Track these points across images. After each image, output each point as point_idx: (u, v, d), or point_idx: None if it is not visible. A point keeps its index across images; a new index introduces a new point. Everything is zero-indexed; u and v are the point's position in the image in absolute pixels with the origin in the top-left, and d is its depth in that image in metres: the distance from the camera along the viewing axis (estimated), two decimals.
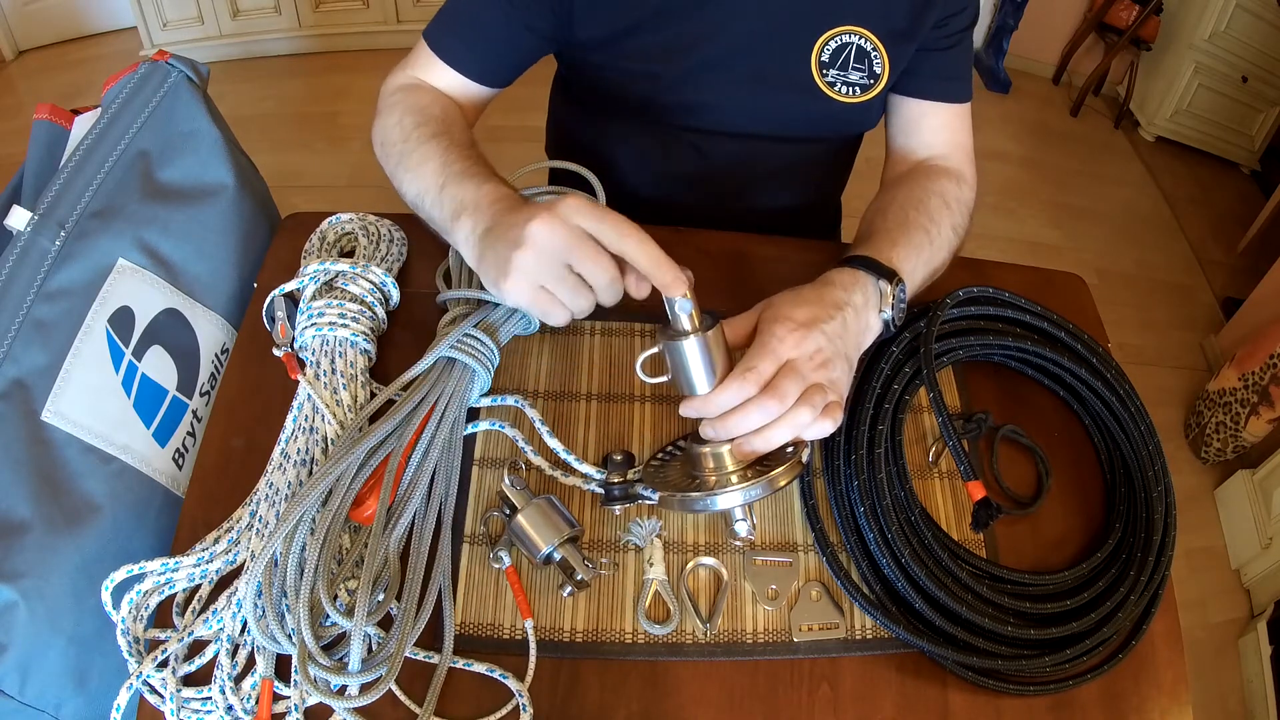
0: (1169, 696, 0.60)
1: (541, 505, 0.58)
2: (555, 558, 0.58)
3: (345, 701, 0.52)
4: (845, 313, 0.60)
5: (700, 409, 0.56)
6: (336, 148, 2.22)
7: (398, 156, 0.69)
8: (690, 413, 0.56)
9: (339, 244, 0.74)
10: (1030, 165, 2.52)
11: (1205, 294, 2.27)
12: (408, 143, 0.68)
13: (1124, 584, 0.61)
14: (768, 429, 0.54)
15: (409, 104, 0.72)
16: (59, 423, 0.60)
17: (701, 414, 0.56)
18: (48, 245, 0.63)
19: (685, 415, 0.57)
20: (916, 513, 0.61)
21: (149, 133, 0.73)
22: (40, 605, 0.56)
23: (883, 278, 0.63)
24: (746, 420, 0.54)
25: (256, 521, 0.59)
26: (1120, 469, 0.68)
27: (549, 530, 0.57)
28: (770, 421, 0.54)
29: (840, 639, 0.59)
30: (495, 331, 0.66)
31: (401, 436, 0.60)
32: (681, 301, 0.54)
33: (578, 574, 0.57)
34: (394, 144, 0.69)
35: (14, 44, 2.40)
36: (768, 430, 0.54)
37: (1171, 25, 2.47)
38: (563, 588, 0.57)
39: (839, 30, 0.74)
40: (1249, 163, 2.61)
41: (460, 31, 0.74)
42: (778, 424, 0.54)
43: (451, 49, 0.74)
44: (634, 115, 0.82)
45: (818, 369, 0.56)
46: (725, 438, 0.55)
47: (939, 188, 0.75)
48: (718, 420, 0.55)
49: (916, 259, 0.67)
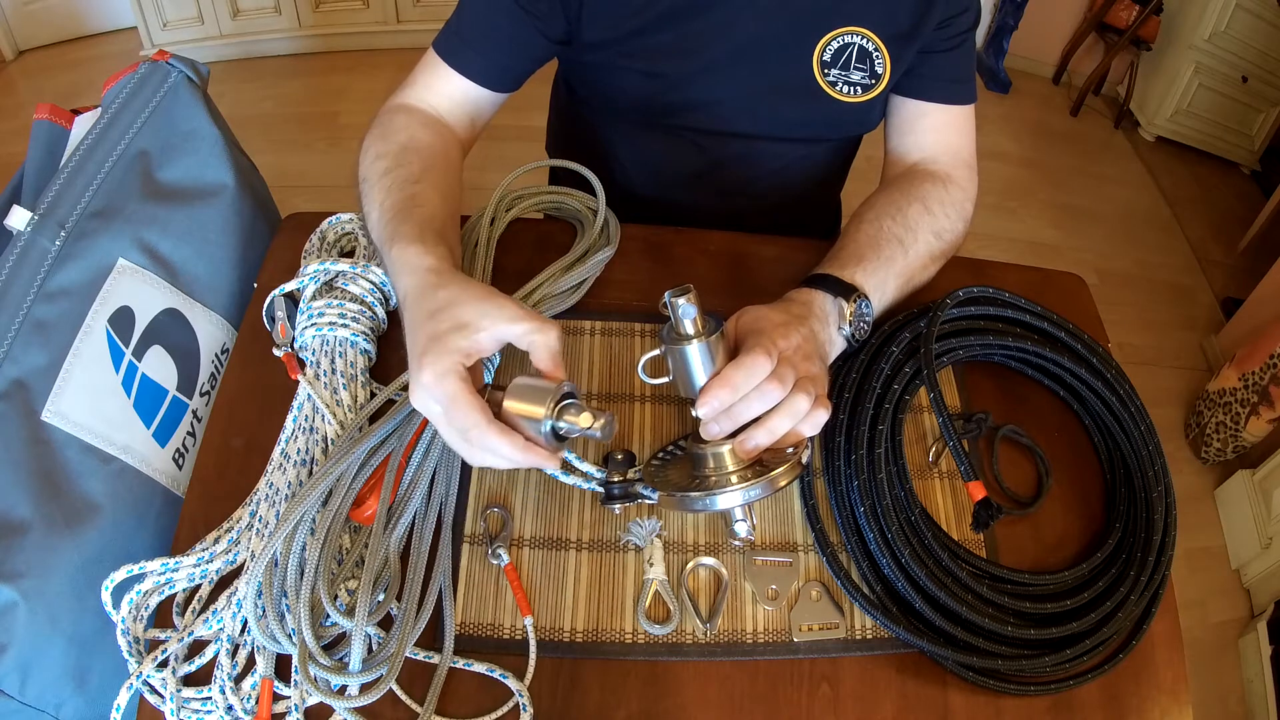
0: (1169, 696, 0.60)
1: (519, 384, 0.54)
2: (562, 428, 0.53)
3: (345, 701, 0.52)
4: (811, 322, 0.63)
5: (716, 394, 0.54)
6: (336, 148, 2.22)
7: (361, 190, 0.67)
8: (712, 403, 0.54)
9: (339, 244, 0.74)
10: (1030, 165, 2.52)
11: (1205, 294, 2.27)
12: (366, 181, 0.67)
13: (1124, 584, 0.61)
14: (769, 417, 0.55)
15: (381, 130, 0.70)
16: (59, 423, 0.60)
17: (718, 400, 0.54)
18: (48, 245, 0.63)
19: (702, 413, 0.55)
20: (916, 513, 0.61)
21: (149, 133, 0.73)
22: (40, 605, 0.56)
23: (841, 295, 0.65)
24: (749, 408, 0.55)
25: (256, 521, 0.58)
26: (1120, 469, 0.68)
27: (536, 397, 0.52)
28: (771, 409, 0.55)
29: (840, 639, 0.59)
30: None
31: (402, 436, 0.60)
32: (685, 306, 0.54)
33: (594, 428, 0.52)
34: (360, 179, 0.68)
35: (14, 44, 2.40)
36: (769, 419, 0.55)
37: (1171, 25, 2.47)
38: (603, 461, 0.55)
39: (841, 31, 0.74)
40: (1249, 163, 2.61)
41: (472, 38, 0.73)
42: (778, 411, 0.55)
43: (463, 56, 0.73)
44: (636, 114, 0.82)
45: (803, 361, 0.58)
46: (729, 428, 0.56)
47: (921, 193, 0.75)
48: (722, 414, 0.55)
49: (887, 272, 0.69)
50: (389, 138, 0.69)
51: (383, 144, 0.68)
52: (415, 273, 0.56)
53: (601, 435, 0.52)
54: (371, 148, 0.69)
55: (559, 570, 0.60)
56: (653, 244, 0.78)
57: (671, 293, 0.54)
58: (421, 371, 0.51)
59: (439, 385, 0.51)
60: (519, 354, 0.59)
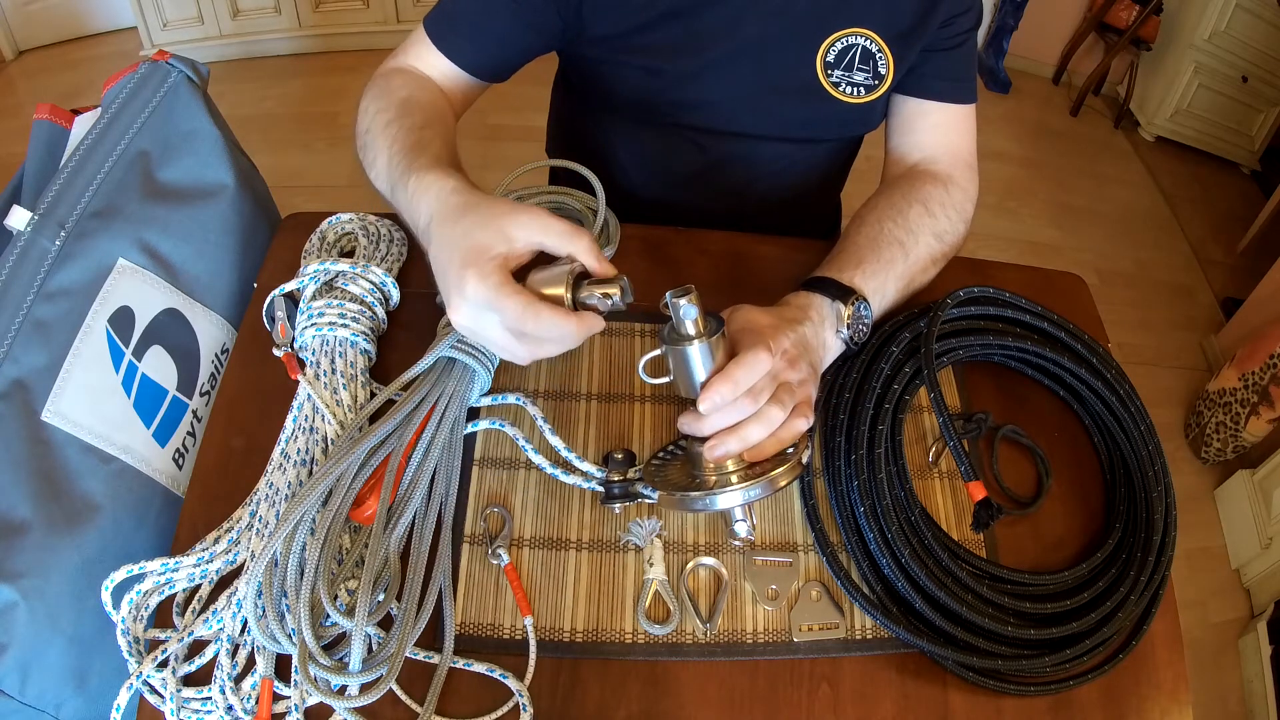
0: (1169, 696, 0.60)
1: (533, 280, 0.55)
2: (584, 298, 0.55)
3: (345, 701, 0.52)
4: (804, 326, 0.63)
5: (718, 390, 0.54)
6: (336, 148, 2.22)
7: (364, 143, 0.68)
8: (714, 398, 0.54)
9: (339, 244, 0.74)
10: (1030, 165, 2.52)
11: (1205, 294, 2.27)
12: (370, 132, 0.67)
13: (1124, 584, 0.61)
14: (742, 427, 0.55)
15: (379, 89, 0.71)
16: (59, 423, 0.60)
17: (720, 395, 0.54)
18: (48, 245, 0.63)
19: (704, 408, 0.55)
20: (916, 513, 0.61)
21: (149, 133, 0.73)
22: (40, 605, 0.56)
23: (839, 299, 0.65)
24: (721, 418, 0.55)
25: (256, 521, 0.58)
26: (1120, 469, 0.68)
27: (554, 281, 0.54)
28: (745, 419, 0.55)
29: (840, 639, 0.59)
30: None
31: (402, 436, 0.60)
32: (687, 306, 0.54)
33: (614, 293, 0.54)
34: (362, 132, 0.69)
35: (14, 44, 2.40)
36: (741, 428, 0.55)
37: (1171, 25, 2.47)
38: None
39: (845, 32, 0.74)
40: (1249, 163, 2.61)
41: (461, 25, 0.73)
42: (752, 421, 0.55)
43: (451, 42, 0.73)
44: (637, 113, 0.82)
45: (785, 368, 0.58)
46: (702, 435, 0.56)
47: (922, 195, 0.75)
48: (696, 420, 0.56)
49: (887, 274, 0.69)
50: (389, 95, 0.69)
51: (383, 100, 0.69)
52: (440, 195, 0.57)
53: (622, 298, 0.54)
54: (372, 105, 0.69)
55: (559, 570, 0.60)
56: (652, 244, 0.78)
57: (672, 293, 0.54)
58: (465, 283, 0.51)
59: (485, 287, 0.51)
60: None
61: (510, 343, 0.54)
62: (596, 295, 0.55)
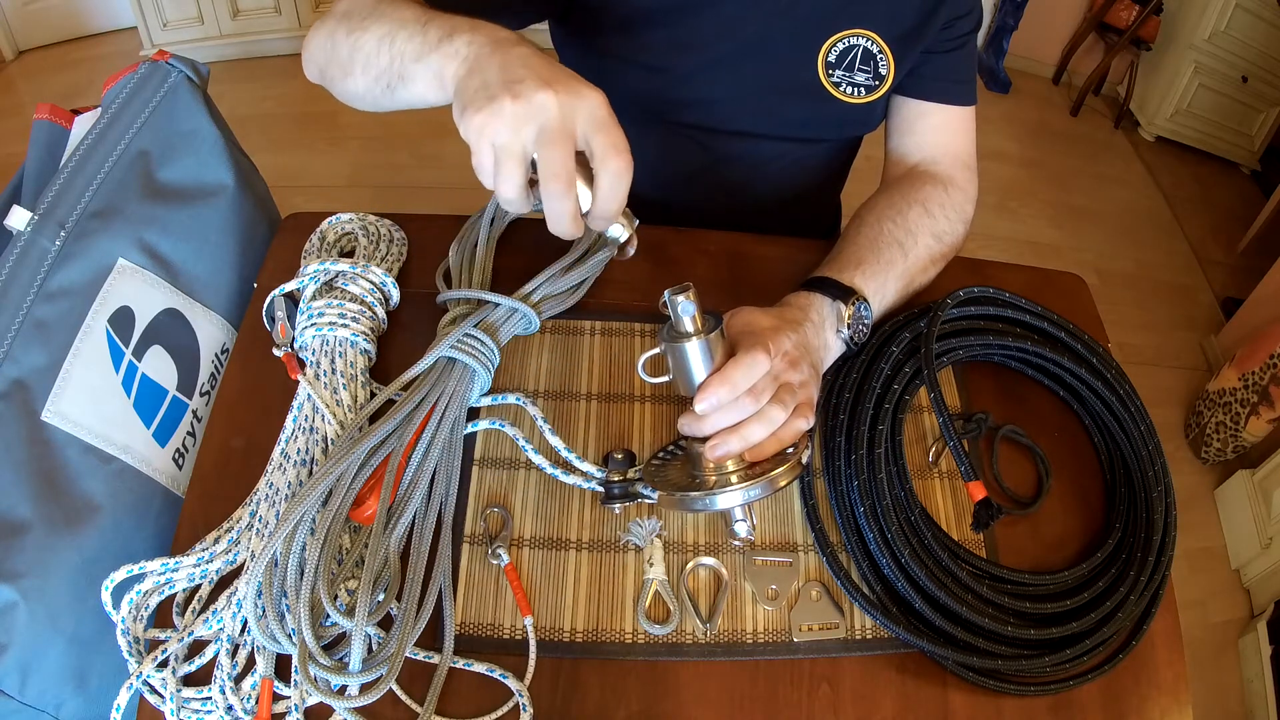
0: (1169, 696, 0.60)
1: None
2: (610, 234, 0.58)
3: (345, 701, 0.52)
4: (805, 327, 0.63)
5: (715, 390, 0.54)
6: (336, 148, 2.22)
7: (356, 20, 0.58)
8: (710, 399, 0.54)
9: (339, 244, 0.74)
10: (1030, 165, 2.52)
11: (1205, 294, 2.27)
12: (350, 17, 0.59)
13: (1124, 584, 0.61)
14: (743, 426, 0.55)
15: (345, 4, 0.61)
16: (59, 423, 0.60)
17: (716, 396, 0.54)
18: (48, 245, 0.63)
19: (700, 408, 0.55)
20: (916, 513, 0.61)
21: (149, 133, 0.73)
22: (40, 605, 0.56)
23: (839, 299, 0.65)
24: (723, 418, 0.55)
25: (256, 521, 0.59)
26: (1120, 469, 0.68)
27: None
28: (746, 419, 0.55)
29: (840, 639, 0.59)
30: (495, 331, 0.66)
31: (401, 436, 0.60)
32: (685, 304, 0.54)
33: (621, 237, 0.58)
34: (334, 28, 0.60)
35: (14, 44, 2.40)
36: (743, 428, 0.55)
37: (1171, 25, 2.47)
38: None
39: (847, 33, 0.74)
40: (1249, 163, 2.61)
41: None
42: (753, 421, 0.55)
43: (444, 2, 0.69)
44: (637, 110, 0.81)
45: (786, 368, 0.58)
46: (702, 435, 0.56)
47: (922, 196, 0.75)
48: (696, 421, 0.55)
49: (886, 275, 0.69)
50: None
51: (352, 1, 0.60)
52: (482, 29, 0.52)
53: (629, 225, 0.59)
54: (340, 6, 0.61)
55: (559, 570, 0.60)
56: (652, 244, 0.78)
57: (671, 291, 0.54)
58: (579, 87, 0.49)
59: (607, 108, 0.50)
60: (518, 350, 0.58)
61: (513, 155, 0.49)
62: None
